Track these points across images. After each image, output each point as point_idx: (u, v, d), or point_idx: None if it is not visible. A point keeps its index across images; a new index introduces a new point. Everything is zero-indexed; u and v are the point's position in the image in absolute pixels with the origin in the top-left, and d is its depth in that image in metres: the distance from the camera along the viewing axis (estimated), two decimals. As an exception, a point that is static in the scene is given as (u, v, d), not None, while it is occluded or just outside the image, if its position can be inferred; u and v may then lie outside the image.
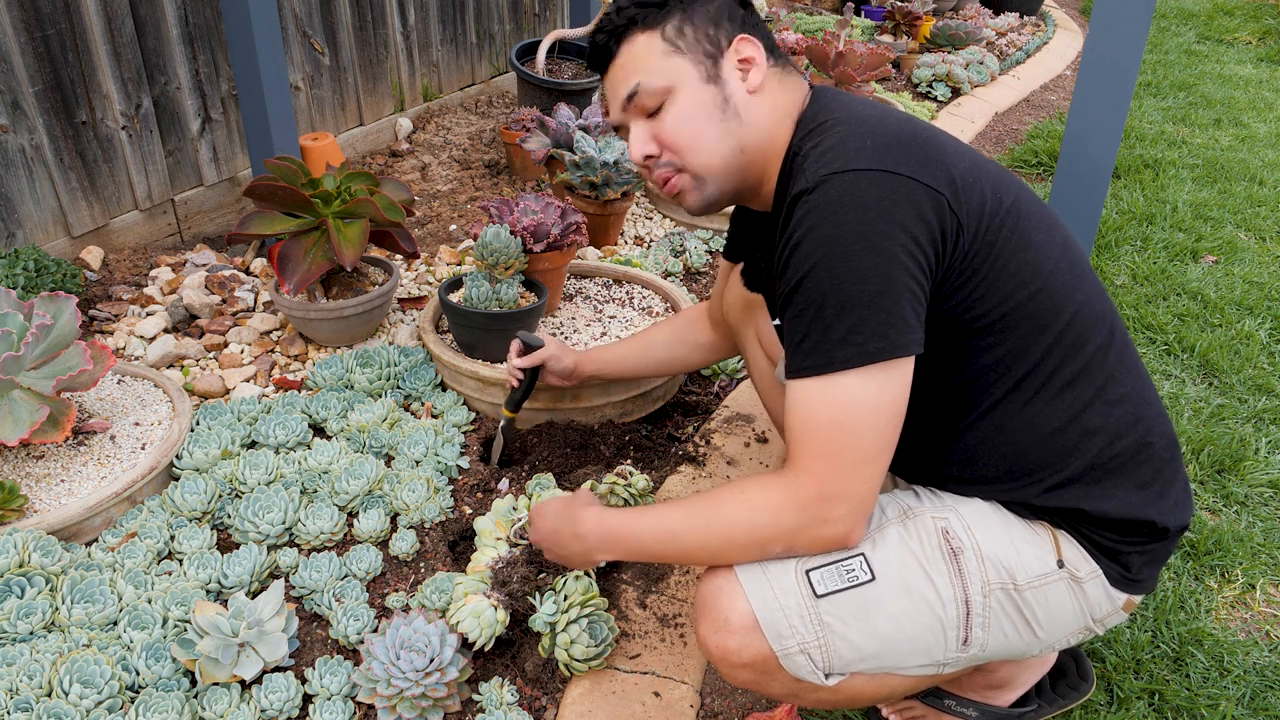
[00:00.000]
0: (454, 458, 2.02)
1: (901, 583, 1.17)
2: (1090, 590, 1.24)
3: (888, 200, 1.06)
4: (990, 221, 1.13)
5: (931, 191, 1.08)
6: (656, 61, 1.25)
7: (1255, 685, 1.70)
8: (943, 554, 1.19)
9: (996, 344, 1.17)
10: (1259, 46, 6.71)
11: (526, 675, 1.60)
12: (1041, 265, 1.17)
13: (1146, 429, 1.23)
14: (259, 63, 2.63)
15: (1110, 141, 2.05)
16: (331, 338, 2.39)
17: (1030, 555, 1.21)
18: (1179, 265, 3.29)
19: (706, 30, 1.25)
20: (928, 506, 1.25)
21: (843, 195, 1.07)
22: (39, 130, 2.52)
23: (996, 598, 1.20)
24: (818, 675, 1.19)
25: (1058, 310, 1.18)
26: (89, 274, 2.65)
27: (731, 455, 2.17)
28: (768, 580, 1.17)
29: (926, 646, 1.19)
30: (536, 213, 2.31)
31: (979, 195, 1.13)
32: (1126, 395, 1.23)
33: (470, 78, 4.28)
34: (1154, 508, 1.22)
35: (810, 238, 1.08)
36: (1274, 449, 2.34)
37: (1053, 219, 1.26)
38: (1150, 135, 4.68)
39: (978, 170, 1.16)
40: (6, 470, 1.85)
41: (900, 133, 1.13)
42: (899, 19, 5.65)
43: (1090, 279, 1.25)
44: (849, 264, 1.05)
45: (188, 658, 1.50)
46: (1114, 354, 1.23)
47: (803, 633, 1.16)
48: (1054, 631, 1.25)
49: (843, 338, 1.06)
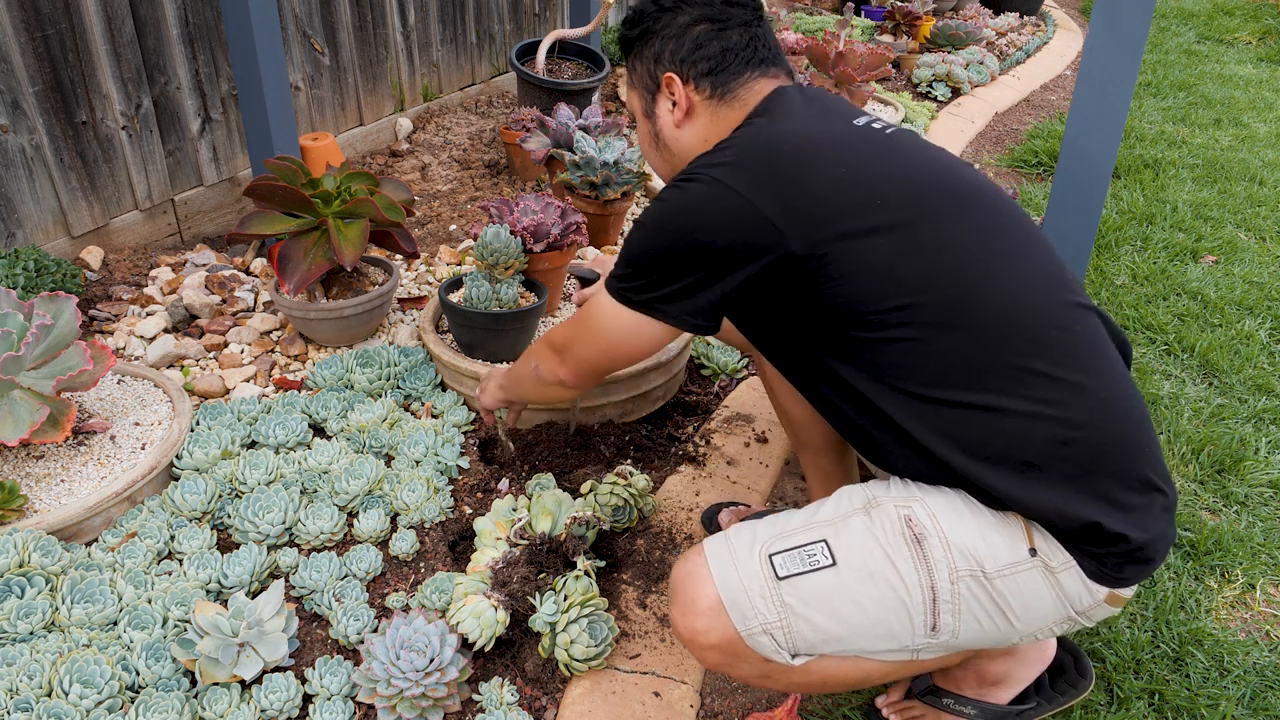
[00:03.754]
0: (454, 458, 2.02)
1: (864, 568, 1.22)
2: (1066, 581, 1.23)
3: (701, 202, 1.28)
4: (847, 232, 1.24)
5: (749, 205, 1.25)
6: (627, 87, 1.56)
7: (1255, 685, 1.70)
8: (905, 540, 1.23)
9: (892, 339, 1.24)
10: (1259, 46, 6.71)
11: (526, 675, 1.60)
12: (932, 268, 1.24)
13: (1076, 425, 1.21)
14: (259, 63, 2.63)
15: (1110, 141, 2.05)
16: (331, 338, 2.39)
17: (1000, 544, 1.22)
18: (1179, 265, 3.29)
19: (649, 67, 1.49)
20: (893, 495, 1.27)
21: (673, 193, 1.32)
22: (39, 130, 2.52)
23: (966, 584, 1.22)
24: (783, 655, 1.24)
25: (961, 309, 1.23)
26: (89, 274, 2.65)
27: (731, 455, 2.17)
28: (734, 564, 1.25)
29: (892, 631, 1.23)
30: (536, 213, 2.31)
31: (830, 209, 1.24)
32: (1053, 395, 1.21)
33: (470, 78, 4.28)
34: (1092, 508, 1.20)
35: (642, 214, 1.37)
36: (1274, 449, 2.34)
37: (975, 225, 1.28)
38: (1150, 135, 4.68)
39: (856, 188, 1.26)
40: (6, 470, 1.85)
41: (765, 152, 1.29)
42: (899, 19, 5.65)
43: (1019, 275, 1.26)
44: (649, 239, 1.35)
45: (188, 658, 1.50)
46: (1044, 349, 1.23)
47: (765, 613, 1.23)
48: (1031, 621, 1.25)
49: (619, 279, 1.38)
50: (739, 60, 1.43)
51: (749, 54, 1.44)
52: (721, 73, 1.43)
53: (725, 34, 1.44)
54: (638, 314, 1.37)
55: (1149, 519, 1.22)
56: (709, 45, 1.43)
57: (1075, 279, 1.35)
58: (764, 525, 1.31)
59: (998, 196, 1.36)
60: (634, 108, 1.55)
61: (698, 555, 1.29)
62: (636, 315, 1.37)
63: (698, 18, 1.44)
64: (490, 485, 2.00)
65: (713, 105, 1.45)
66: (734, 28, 1.44)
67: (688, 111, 1.46)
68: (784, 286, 1.29)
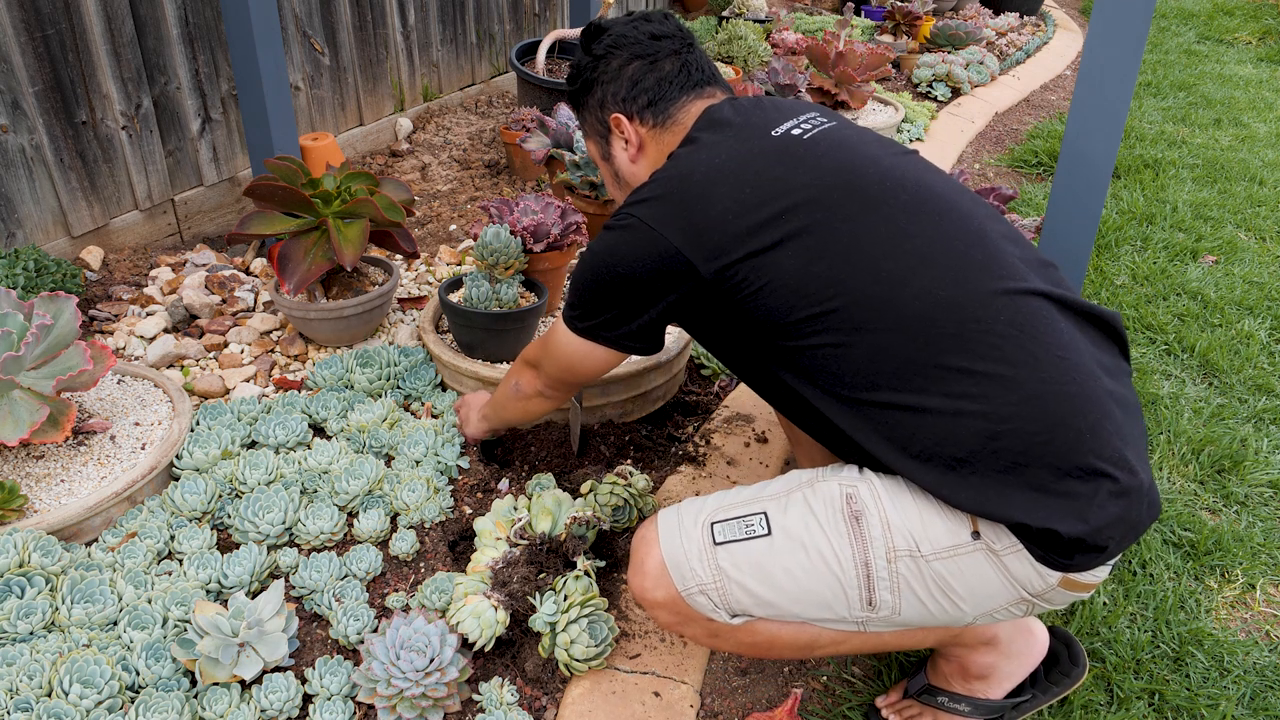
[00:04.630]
0: (454, 458, 2.02)
1: (798, 539, 1.29)
2: (1013, 564, 1.23)
3: (621, 239, 1.40)
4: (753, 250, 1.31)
5: (659, 237, 1.35)
6: (585, 140, 1.68)
7: (1255, 685, 1.70)
8: (844, 516, 1.28)
9: (814, 345, 1.30)
10: (1259, 46, 6.71)
11: (526, 675, 1.60)
12: (840, 273, 1.28)
13: (1002, 419, 1.21)
14: (259, 63, 2.63)
15: (1110, 141, 2.04)
16: (331, 338, 2.39)
17: (940, 528, 1.24)
18: (1179, 265, 3.29)
19: (596, 114, 1.61)
20: (842, 477, 1.32)
21: (603, 233, 1.44)
22: (39, 130, 2.52)
23: (905, 564, 1.25)
24: (720, 614, 1.33)
25: (874, 311, 1.27)
26: (89, 274, 2.65)
27: (731, 455, 2.17)
28: (679, 531, 1.35)
29: (825, 601, 1.28)
30: (536, 213, 2.31)
31: (734, 231, 1.33)
32: (975, 389, 1.22)
33: (470, 78, 4.28)
34: (1018, 505, 1.19)
35: (583, 251, 1.50)
36: (1274, 449, 2.34)
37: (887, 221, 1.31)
38: (1150, 135, 4.68)
39: (760, 207, 1.32)
40: (6, 470, 1.85)
41: (676, 186, 1.38)
42: (899, 19, 5.65)
43: (934, 271, 1.28)
44: (583, 274, 1.47)
45: (188, 658, 1.50)
46: (965, 343, 1.23)
47: (701, 575, 1.31)
48: (980, 602, 1.26)
49: (568, 308, 1.52)
50: (674, 87, 1.54)
51: (682, 79, 1.54)
52: (660, 101, 1.54)
53: (658, 65, 1.54)
54: (584, 340, 1.51)
55: (1091, 507, 1.19)
56: (645, 79, 1.54)
57: (1020, 264, 1.32)
58: (713, 498, 1.39)
59: (922, 187, 1.36)
60: (594, 155, 1.67)
61: (651, 523, 1.40)
62: (584, 341, 1.51)
63: (629, 57, 1.55)
64: (490, 485, 2.00)
65: (656, 134, 1.56)
66: (664, 58, 1.54)
67: (640, 146, 1.58)
68: (708, 307, 1.39)
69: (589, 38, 1.62)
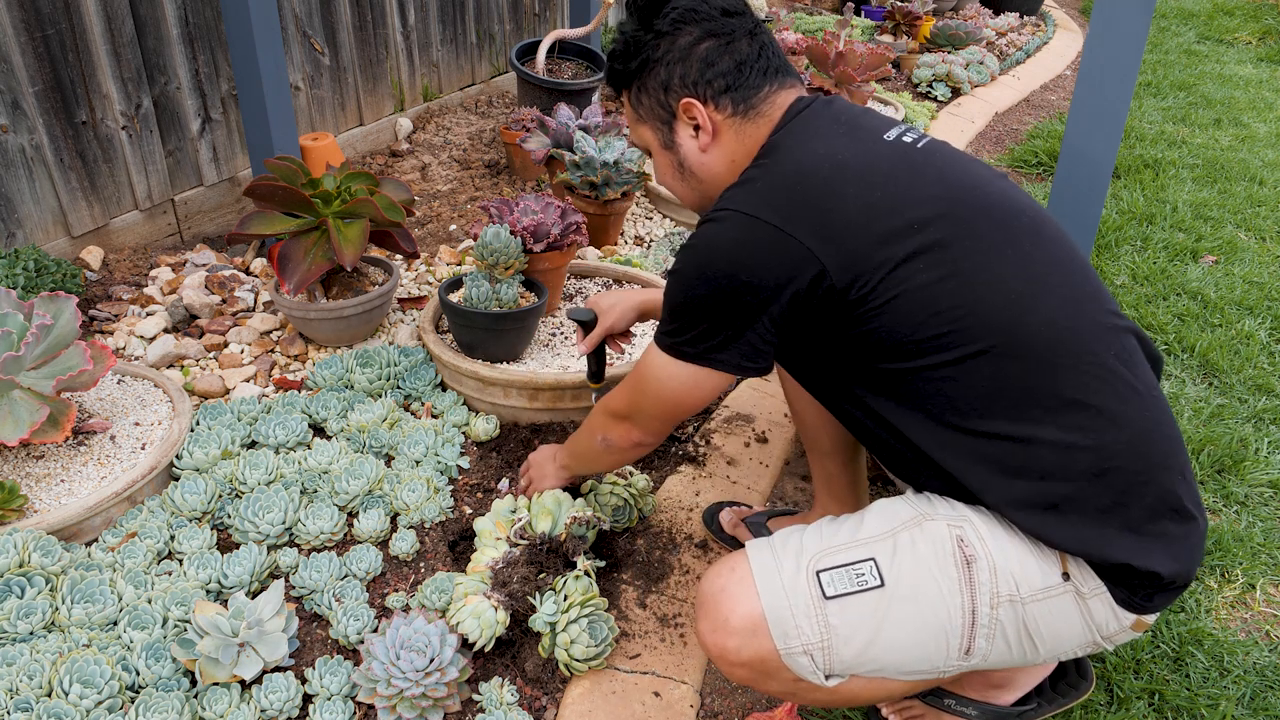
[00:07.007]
0: (454, 458, 2.02)
1: (911, 590, 1.19)
2: (1095, 607, 1.21)
3: (738, 241, 1.24)
4: (885, 260, 1.20)
5: (788, 238, 1.21)
6: (632, 124, 1.49)
7: (1255, 685, 1.70)
8: (955, 562, 1.19)
9: (927, 368, 1.21)
10: (1259, 46, 6.71)
11: (526, 675, 1.60)
12: (972, 294, 1.20)
13: (1111, 455, 1.18)
14: (259, 63, 2.63)
15: (1110, 141, 2.04)
16: (331, 338, 2.39)
17: (1034, 568, 1.20)
18: (1179, 265, 3.29)
19: (659, 96, 1.41)
20: (943, 513, 1.24)
21: (706, 235, 1.28)
22: (39, 130, 2.52)
23: (1004, 610, 1.19)
24: (818, 676, 1.21)
25: (1000, 337, 1.19)
26: (89, 274, 2.65)
27: (731, 455, 2.17)
28: (779, 578, 1.21)
29: (928, 654, 1.20)
30: (536, 213, 2.31)
31: (867, 237, 1.21)
32: (1089, 423, 1.18)
33: (470, 78, 4.28)
34: (1122, 547, 1.17)
35: (676, 262, 1.32)
36: (1274, 449, 2.34)
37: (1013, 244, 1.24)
38: (1150, 135, 4.68)
39: (892, 214, 1.21)
40: (6, 470, 1.85)
41: (796, 181, 1.25)
42: (899, 19, 5.65)
43: (1059, 299, 1.22)
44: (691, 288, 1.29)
45: (188, 658, 1.50)
46: (1081, 376, 1.20)
47: (807, 633, 1.19)
48: (1056, 645, 1.24)
49: (668, 335, 1.35)
50: (754, 72, 1.37)
51: (762, 64, 1.37)
52: (740, 88, 1.36)
53: (733, 47, 1.36)
54: (695, 366, 1.32)
55: (1184, 549, 1.20)
56: (720, 61, 1.36)
57: (1109, 295, 1.30)
58: (810, 538, 1.26)
59: (1036, 211, 1.31)
60: (648, 142, 1.47)
61: (739, 566, 1.25)
62: (694, 368, 1.33)
63: (700, 35, 1.36)
64: (490, 485, 2.01)
65: (736, 123, 1.38)
66: (740, 39, 1.37)
67: (714, 134, 1.39)
68: (822, 318, 1.25)
69: (649, 10, 1.39)
